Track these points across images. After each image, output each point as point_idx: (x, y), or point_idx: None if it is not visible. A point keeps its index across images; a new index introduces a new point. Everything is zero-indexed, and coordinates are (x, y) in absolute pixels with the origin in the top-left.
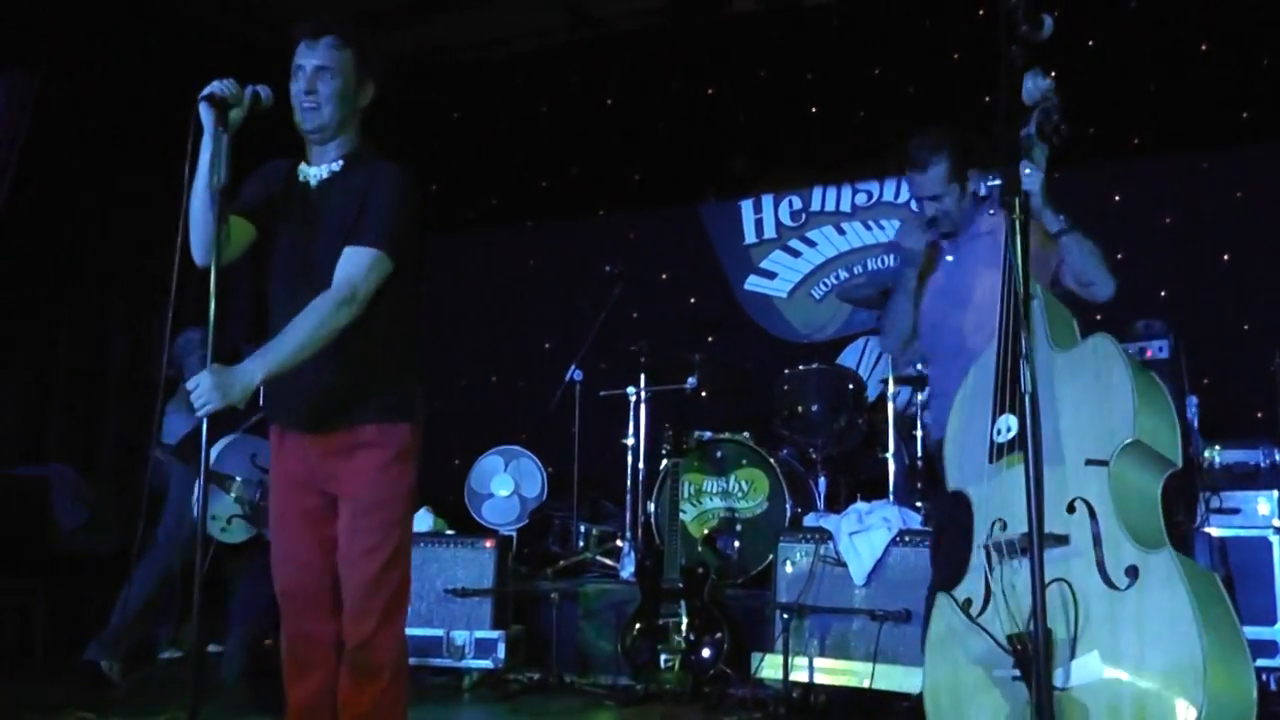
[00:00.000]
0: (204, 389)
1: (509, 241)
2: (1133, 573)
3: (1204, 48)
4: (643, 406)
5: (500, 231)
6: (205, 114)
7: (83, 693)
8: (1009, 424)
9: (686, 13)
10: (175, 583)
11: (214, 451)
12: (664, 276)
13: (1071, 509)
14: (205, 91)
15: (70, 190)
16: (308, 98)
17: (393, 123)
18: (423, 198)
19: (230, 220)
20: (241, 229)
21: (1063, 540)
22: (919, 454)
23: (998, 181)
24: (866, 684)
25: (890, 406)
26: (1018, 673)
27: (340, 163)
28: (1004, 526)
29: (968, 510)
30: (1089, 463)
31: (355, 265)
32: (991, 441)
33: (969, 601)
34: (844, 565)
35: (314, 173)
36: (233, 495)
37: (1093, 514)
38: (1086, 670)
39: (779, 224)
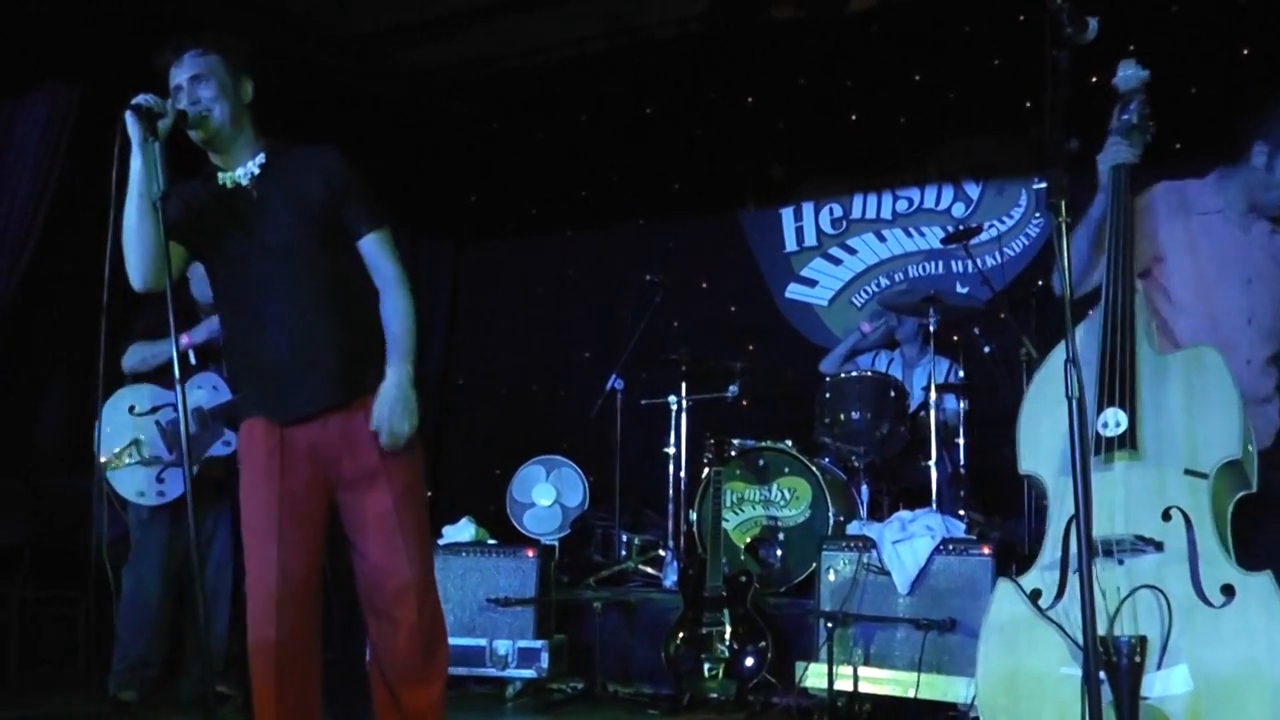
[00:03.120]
0: (399, 408)
1: (548, 251)
2: (1229, 591)
3: (1246, 52)
4: (684, 415)
5: (539, 241)
6: (132, 124)
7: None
8: (1118, 419)
9: (725, 20)
10: (166, 596)
11: (99, 440)
12: (704, 285)
13: (1167, 516)
14: (132, 102)
15: (112, 202)
16: (193, 107)
17: (432, 132)
18: None
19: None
20: (175, 252)
21: (1158, 546)
22: (961, 462)
23: (1043, 184)
24: (911, 693)
25: (932, 414)
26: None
27: (261, 155)
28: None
29: (1041, 495)
30: (1187, 473)
31: (381, 251)
32: (1097, 435)
33: (1038, 592)
34: (887, 574)
35: (241, 173)
36: (144, 457)
37: (1189, 524)
38: (1174, 683)
39: (819, 231)
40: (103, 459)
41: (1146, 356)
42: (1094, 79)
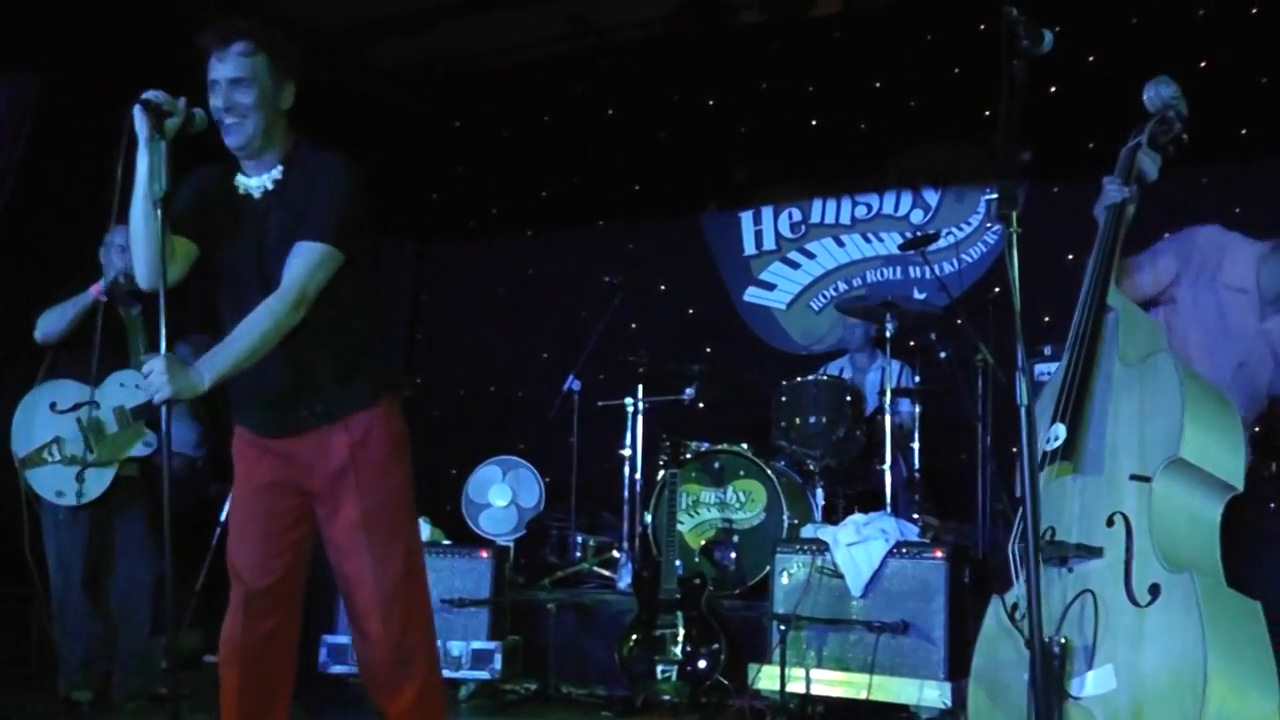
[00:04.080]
0: (158, 376)
1: (508, 251)
2: (1155, 590)
3: (1203, 65)
4: (640, 417)
5: (500, 240)
6: (140, 120)
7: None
8: (1058, 432)
9: (689, 23)
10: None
11: (16, 436)
12: (663, 287)
13: (1110, 523)
14: (142, 96)
15: (72, 194)
16: (229, 114)
17: (395, 130)
18: (367, 182)
19: (175, 240)
20: (184, 247)
21: (1096, 553)
22: (916, 466)
23: (994, 195)
24: (864, 695)
25: (888, 419)
26: None
27: (280, 168)
28: (1053, 534)
29: None
30: (1133, 478)
31: (303, 263)
32: (1041, 449)
33: (1015, 606)
34: (841, 577)
35: (255, 184)
36: (65, 457)
37: (1129, 529)
38: (1101, 682)
39: (778, 236)
40: (21, 455)
41: (1113, 370)
42: (1052, 89)
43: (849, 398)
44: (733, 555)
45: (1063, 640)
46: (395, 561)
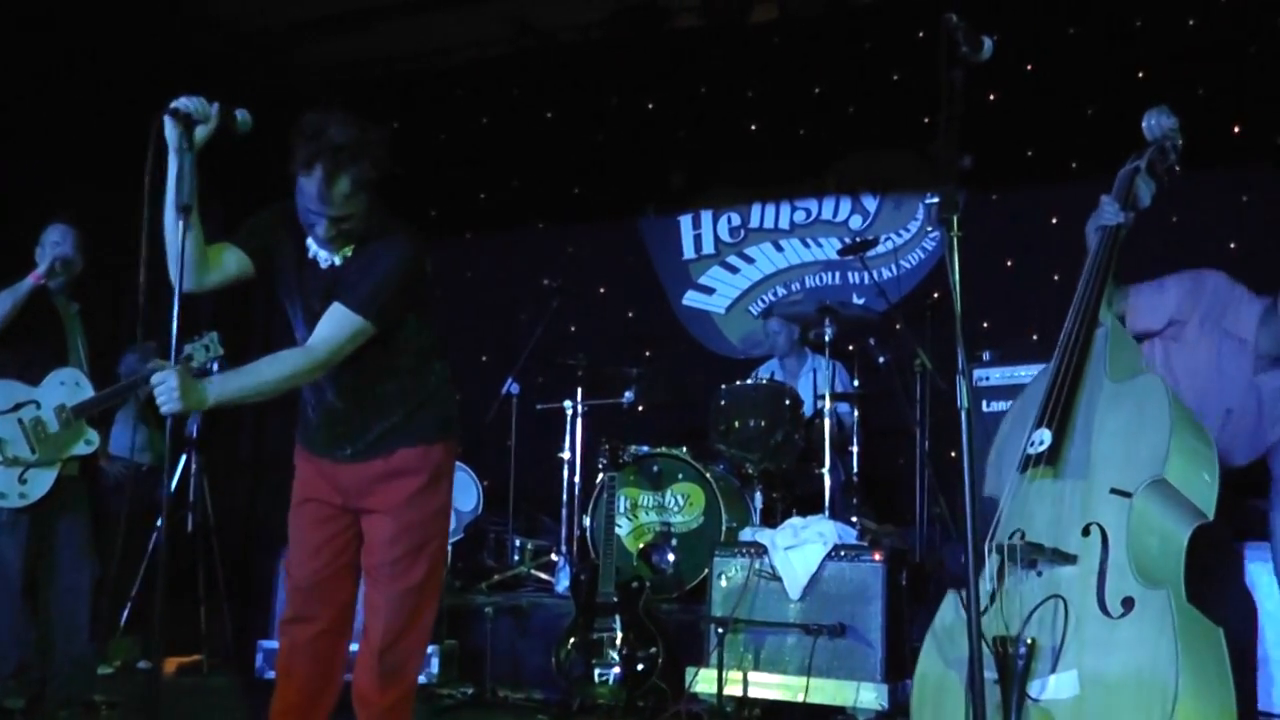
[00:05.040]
0: (169, 390)
1: (447, 253)
2: (1128, 604)
3: (1140, 75)
4: (579, 420)
5: (438, 243)
6: (170, 129)
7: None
8: (1043, 437)
9: (628, 27)
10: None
11: None
12: (602, 290)
13: (1086, 532)
14: (171, 105)
15: (16, 200)
16: (329, 240)
17: None
18: (424, 260)
19: (227, 248)
20: (238, 262)
21: (1070, 560)
22: (855, 470)
23: (934, 200)
24: (801, 698)
25: (827, 422)
26: (994, 675)
27: (350, 250)
28: (1023, 536)
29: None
30: (1113, 491)
31: (338, 328)
32: (1023, 452)
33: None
34: (779, 579)
35: (324, 255)
36: (8, 458)
37: (1105, 541)
38: (1063, 687)
39: (717, 240)
40: None
41: (1100, 385)
42: (991, 97)
43: (788, 401)
44: (671, 558)
45: (1029, 641)
46: (409, 580)
